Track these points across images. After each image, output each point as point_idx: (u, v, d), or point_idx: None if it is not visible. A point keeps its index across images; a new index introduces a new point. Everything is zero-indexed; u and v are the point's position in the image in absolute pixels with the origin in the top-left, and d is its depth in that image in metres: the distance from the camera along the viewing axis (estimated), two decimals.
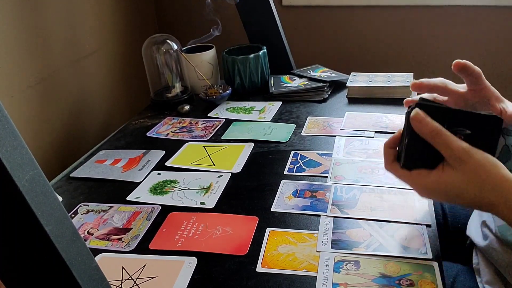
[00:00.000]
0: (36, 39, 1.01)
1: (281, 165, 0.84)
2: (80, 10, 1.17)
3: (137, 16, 1.44)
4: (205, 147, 0.93)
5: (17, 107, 0.97)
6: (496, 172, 0.50)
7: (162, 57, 1.14)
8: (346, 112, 1.02)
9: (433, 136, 0.51)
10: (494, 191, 0.50)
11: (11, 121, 0.35)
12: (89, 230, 0.71)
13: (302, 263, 0.60)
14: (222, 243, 0.66)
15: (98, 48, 1.24)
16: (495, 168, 0.51)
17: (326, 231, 0.66)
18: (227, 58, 1.16)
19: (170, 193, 0.79)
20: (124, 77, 1.36)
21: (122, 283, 0.60)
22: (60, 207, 0.39)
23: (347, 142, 0.90)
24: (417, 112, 0.52)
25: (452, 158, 0.51)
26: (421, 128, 0.52)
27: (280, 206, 0.73)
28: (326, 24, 1.47)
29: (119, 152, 0.94)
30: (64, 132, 1.12)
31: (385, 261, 0.59)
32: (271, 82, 1.18)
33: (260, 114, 1.06)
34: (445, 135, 0.51)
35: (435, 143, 0.52)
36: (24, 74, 0.98)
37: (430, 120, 0.51)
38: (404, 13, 1.38)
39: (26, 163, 0.36)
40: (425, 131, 0.52)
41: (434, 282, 0.55)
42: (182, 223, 0.71)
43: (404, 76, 1.11)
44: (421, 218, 0.67)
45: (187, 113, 1.10)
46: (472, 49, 1.36)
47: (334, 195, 0.73)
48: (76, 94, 1.16)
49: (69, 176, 0.87)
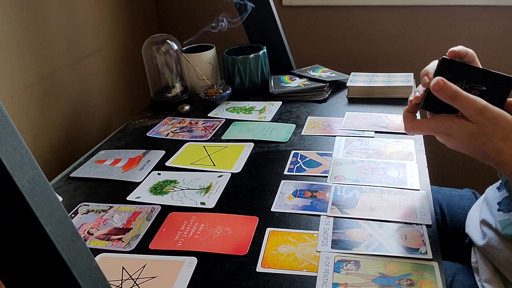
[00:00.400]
0: (36, 39, 1.01)
1: (281, 165, 0.84)
2: (80, 10, 1.17)
3: (137, 16, 1.44)
4: (205, 147, 0.93)
5: (17, 107, 0.97)
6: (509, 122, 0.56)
7: (162, 57, 1.14)
8: (346, 112, 1.02)
9: (453, 99, 0.57)
10: (507, 140, 0.55)
11: (11, 121, 0.35)
12: (89, 230, 0.71)
13: (302, 263, 0.60)
14: (222, 243, 0.66)
15: (98, 48, 1.24)
16: (508, 120, 0.56)
17: (326, 231, 0.66)
18: (227, 58, 1.16)
19: (170, 193, 0.79)
20: (124, 77, 1.36)
21: (122, 283, 0.60)
22: (60, 207, 0.39)
23: (347, 142, 0.90)
24: (437, 80, 0.58)
25: (471, 115, 0.57)
26: (441, 94, 0.58)
27: (280, 206, 0.73)
28: (326, 24, 1.47)
29: (119, 152, 0.94)
30: (64, 132, 1.12)
31: (385, 261, 0.59)
32: (271, 82, 1.18)
33: (260, 114, 1.06)
34: (463, 97, 0.57)
35: (454, 104, 0.58)
36: (24, 74, 0.98)
37: (448, 86, 0.58)
38: (404, 13, 1.38)
39: (26, 163, 0.36)
40: (446, 95, 0.58)
41: (434, 282, 0.55)
42: (182, 223, 0.71)
43: (404, 76, 1.11)
44: (421, 218, 0.67)
45: (187, 113, 1.10)
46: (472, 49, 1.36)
47: (334, 195, 0.73)
48: (76, 94, 1.16)
49: (69, 176, 0.87)
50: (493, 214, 0.66)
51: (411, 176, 0.77)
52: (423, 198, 0.71)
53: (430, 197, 0.71)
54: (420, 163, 0.80)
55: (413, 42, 1.40)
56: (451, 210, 0.86)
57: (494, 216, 0.66)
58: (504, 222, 0.63)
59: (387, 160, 0.82)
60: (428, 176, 0.77)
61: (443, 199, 0.88)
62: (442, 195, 0.90)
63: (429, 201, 0.70)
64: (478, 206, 0.75)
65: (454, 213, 0.85)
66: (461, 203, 0.87)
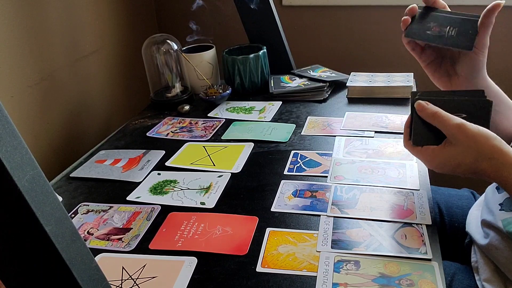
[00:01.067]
0: (36, 39, 1.01)
1: (281, 165, 0.84)
2: (80, 10, 1.17)
3: (137, 16, 1.44)
4: (205, 147, 0.93)
5: (17, 107, 0.97)
6: (488, 142, 0.59)
7: (162, 57, 1.14)
8: (346, 112, 1.02)
9: (433, 118, 0.63)
10: (488, 160, 0.58)
11: (11, 121, 0.35)
12: (89, 230, 0.71)
13: (302, 263, 0.60)
14: (222, 243, 0.66)
15: (98, 48, 1.24)
16: (487, 139, 0.59)
17: (326, 231, 0.66)
18: (227, 58, 1.16)
19: (170, 193, 0.79)
20: (124, 77, 1.36)
21: (122, 283, 0.60)
22: (60, 207, 0.39)
23: (347, 142, 0.90)
24: (418, 102, 0.64)
25: (449, 134, 0.61)
26: (423, 113, 0.64)
27: (280, 206, 0.73)
28: (326, 24, 1.46)
29: (119, 152, 0.94)
30: (64, 132, 1.12)
31: (385, 261, 0.59)
32: (271, 82, 1.18)
33: (260, 114, 1.06)
34: (441, 116, 0.62)
35: (435, 123, 0.63)
36: (24, 74, 0.98)
37: (429, 106, 0.63)
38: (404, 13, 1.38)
39: (26, 163, 0.36)
40: (426, 115, 0.63)
41: (434, 282, 0.55)
42: (182, 223, 0.71)
43: (404, 76, 1.11)
44: (421, 218, 0.67)
45: (187, 113, 1.10)
46: None
47: (334, 195, 0.73)
48: (76, 94, 1.16)
49: (69, 176, 0.87)
50: (495, 214, 0.66)
51: (411, 176, 0.77)
52: (423, 198, 0.71)
53: (430, 197, 0.71)
54: (420, 163, 0.80)
55: None
56: (449, 210, 0.86)
57: (496, 215, 0.66)
58: (507, 220, 0.63)
59: (387, 160, 0.82)
60: (428, 176, 0.77)
61: (441, 199, 0.88)
62: (440, 195, 0.90)
63: (429, 201, 0.70)
64: (479, 206, 0.75)
65: (453, 212, 0.85)
66: (460, 203, 0.87)
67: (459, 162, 0.60)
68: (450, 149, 0.61)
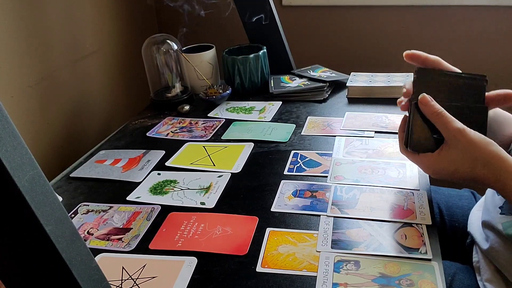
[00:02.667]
0: (36, 39, 1.01)
1: (281, 165, 0.84)
2: (80, 10, 1.17)
3: (137, 16, 1.44)
4: (205, 147, 0.93)
5: (17, 107, 0.97)
6: (487, 149, 0.58)
7: (162, 57, 1.14)
8: (346, 112, 1.02)
9: (436, 117, 0.61)
10: (486, 166, 0.58)
11: (11, 121, 0.35)
12: (89, 230, 0.71)
13: (302, 263, 0.60)
14: (222, 243, 0.66)
15: (98, 48, 1.24)
16: (486, 145, 0.59)
17: (326, 231, 0.66)
18: (227, 58, 1.16)
19: (170, 193, 0.79)
20: (124, 77, 1.36)
21: (122, 283, 0.60)
22: (60, 207, 0.39)
23: (347, 142, 0.90)
24: (423, 95, 0.62)
25: (449, 137, 0.60)
26: (426, 109, 0.62)
27: (280, 206, 0.73)
28: (326, 24, 1.46)
29: (119, 152, 0.94)
30: (64, 132, 1.12)
31: (385, 261, 0.59)
32: (271, 82, 1.18)
33: (260, 114, 1.06)
34: (445, 116, 0.60)
35: (436, 123, 0.61)
36: (24, 74, 0.98)
37: (434, 103, 0.61)
38: (404, 13, 1.38)
39: (26, 163, 0.36)
40: (429, 112, 0.61)
41: (434, 282, 0.55)
42: (182, 223, 0.71)
43: (404, 76, 1.11)
44: (421, 218, 0.67)
45: (187, 113, 1.10)
46: (472, 49, 1.36)
47: (334, 195, 0.73)
48: (76, 94, 1.16)
49: (69, 176, 0.87)
50: (495, 216, 0.66)
51: (411, 176, 0.77)
52: (423, 198, 0.71)
53: (430, 197, 0.71)
54: None
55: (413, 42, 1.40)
56: (449, 210, 0.86)
57: (496, 218, 0.66)
58: (507, 223, 0.63)
59: (387, 160, 0.82)
60: (428, 176, 0.77)
61: (441, 199, 0.88)
62: (441, 195, 0.90)
63: (429, 201, 0.70)
64: (480, 206, 0.75)
65: (453, 213, 0.85)
66: (460, 203, 0.87)
67: (457, 167, 0.60)
68: (448, 153, 0.60)
